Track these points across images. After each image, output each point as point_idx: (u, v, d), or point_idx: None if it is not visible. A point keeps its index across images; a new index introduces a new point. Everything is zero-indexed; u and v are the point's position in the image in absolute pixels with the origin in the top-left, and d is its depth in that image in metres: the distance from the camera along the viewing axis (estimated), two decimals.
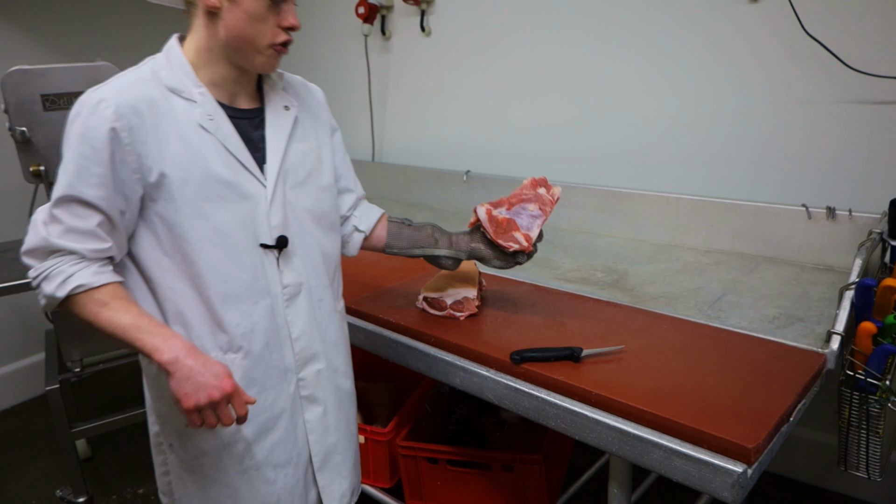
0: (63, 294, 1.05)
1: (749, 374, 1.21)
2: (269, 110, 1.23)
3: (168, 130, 1.09)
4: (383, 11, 2.78)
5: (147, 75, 1.12)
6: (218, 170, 1.12)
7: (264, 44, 1.12)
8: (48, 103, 2.01)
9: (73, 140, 1.06)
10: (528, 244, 1.40)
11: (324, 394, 1.31)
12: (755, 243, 1.85)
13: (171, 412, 1.22)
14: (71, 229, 1.06)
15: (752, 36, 1.85)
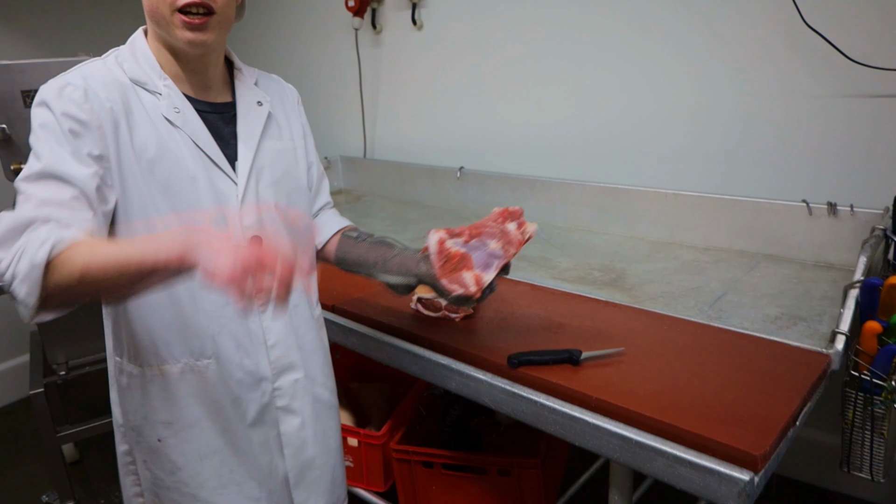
0: (44, 256, 0.85)
1: (752, 376, 1.17)
2: (240, 105, 1.17)
3: (137, 122, 1.04)
4: (374, 4, 2.73)
5: (112, 65, 1.06)
6: (187, 165, 1.07)
7: (169, 11, 1.02)
8: (29, 99, 1.95)
9: (39, 119, 0.97)
10: (478, 289, 1.16)
11: (301, 405, 1.24)
12: (755, 240, 1.82)
13: (143, 425, 1.15)
14: (46, 201, 0.93)
15: (750, 29, 1.82)
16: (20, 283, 0.86)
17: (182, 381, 1.13)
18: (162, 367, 1.12)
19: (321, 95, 3.20)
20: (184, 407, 1.13)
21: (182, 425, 1.14)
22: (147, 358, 1.12)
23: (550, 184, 2.26)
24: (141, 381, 1.13)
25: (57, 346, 2.21)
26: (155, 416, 1.14)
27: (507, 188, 2.39)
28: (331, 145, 3.16)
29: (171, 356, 1.12)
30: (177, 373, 1.12)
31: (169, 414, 1.14)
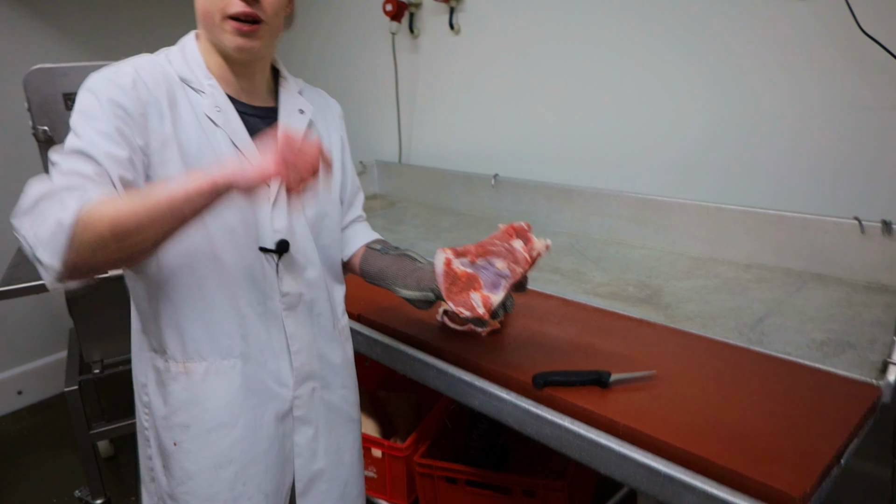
0: (71, 214, 0.83)
1: (794, 407, 1.10)
2: (282, 110, 1.20)
3: (181, 116, 1.06)
4: (412, 9, 2.71)
5: (161, 61, 1.10)
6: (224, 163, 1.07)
7: (220, 17, 1.04)
8: (71, 102, 1.99)
9: (80, 104, 0.99)
10: (486, 312, 1.14)
11: (316, 415, 1.23)
12: (802, 259, 1.72)
13: (159, 426, 1.14)
14: (73, 171, 0.92)
15: (802, 36, 1.72)
16: (43, 247, 0.85)
17: (205, 381, 1.11)
18: (187, 365, 1.11)
19: (358, 100, 3.19)
20: (204, 410, 1.11)
21: (199, 430, 1.12)
22: (173, 353, 1.11)
23: (587, 193, 2.19)
24: (165, 377, 1.12)
25: (93, 344, 2.25)
26: (173, 417, 1.12)
27: (543, 197, 2.33)
28: (366, 150, 3.15)
29: (198, 353, 1.11)
30: (201, 372, 1.11)
31: (187, 416, 1.12)
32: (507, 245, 1.18)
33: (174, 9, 3.46)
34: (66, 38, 3.16)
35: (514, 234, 1.20)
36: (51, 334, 3.29)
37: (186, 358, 1.11)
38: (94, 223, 0.84)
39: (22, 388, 3.22)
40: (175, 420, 1.12)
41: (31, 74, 1.93)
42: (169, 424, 1.12)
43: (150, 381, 1.14)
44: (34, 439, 2.95)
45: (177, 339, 1.10)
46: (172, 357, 1.11)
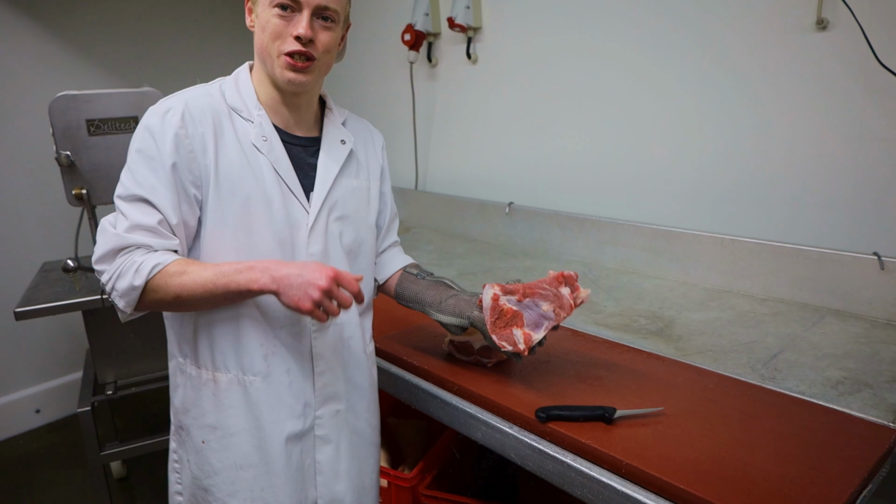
0: (141, 281, 1.06)
1: (806, 448, 1.06)
2: (324, 141, 1.27)
3: (226, 144, 1.15)
4: (430, 39, 2.75)
5: (214, 92, 1.19)
6: (266, 188, 1.16)
7: (276, 53, 1.14)
8: (93, 128, 2.04)
9: (138, 142, 1.11)
10: (526, 348, 1.22)
11: (338, 436, 1.28)
12: (819, 293, 1.68)
13: (192, 425, 1.22)
14: (137, 224, 1.09)
15: (819, 67, 1.71)
16: (119, 297, 1.08)
17: (229, 390, 1.20)
18: (215, 374, 1.20)
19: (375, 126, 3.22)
20: (228, 416, 1.20)
21: (224, 433, 1.20)
22: (204, 362, 1.21)
23: (600, 223, 2.18)
24: (197, 382, 1.21)
25: (107, 366, 2.28)
26: (203, 418, 1.21)
27: (556, 225, 2.32)
28: None
29: (225, 366, 1.20)
30: (226, 382, 1.20)
31: (215, 419, 1.20)
32: (554, 290, 1.27)
33: (196, 37, 3.55)
34: (91, 64, 3.25)
35: (563, 282, 1.29)
36: (69, 354, 3.33)
37: (215, 368, 1.20)
38: (162, 290, 1.07)
39: (40, 406, 3.26)
40: (204, 421, 1.21)
41: (56, 101, 1.99)
42: (199, 424, 1.22)
43: (184, 382, 1.24)
44: (50, 458, 2.97)
45: (208, 351, 1.20)
46: (204, 365, 1.21)
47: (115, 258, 1.09)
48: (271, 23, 1.12)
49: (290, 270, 1.06)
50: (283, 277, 1.05)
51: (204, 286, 1.06)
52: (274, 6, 1.12)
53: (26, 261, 3.02)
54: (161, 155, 1.10)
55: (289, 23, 1.12)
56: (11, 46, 2.99)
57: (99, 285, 2.17)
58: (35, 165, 3.03)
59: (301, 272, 1.05)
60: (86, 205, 2.07)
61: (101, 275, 1.11)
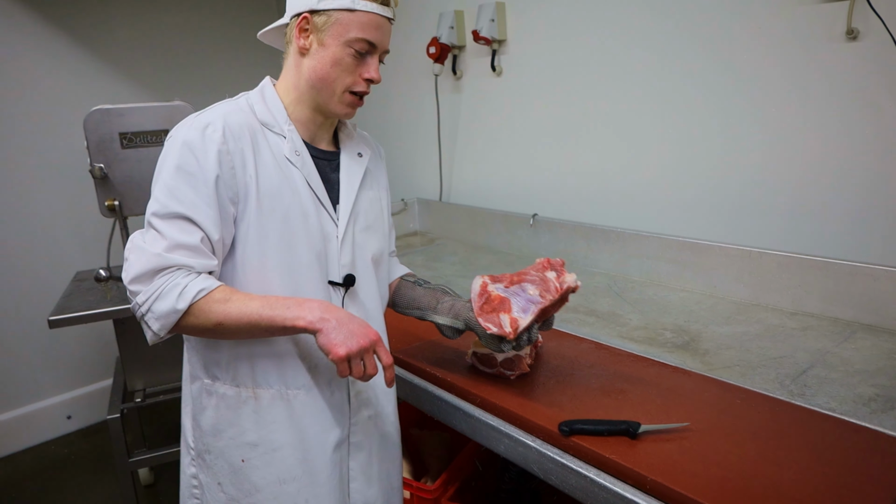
0: (185, 304, 1.03)
1: (836, 468, 1.04)
2: (344, 154, 1.29)
3: (264, 159, 1.15)
4: (455, 51, 2.77)
5: (244, 107, 1.19)
6: (302, 202, 1.18)
7: (342, 89, 1.17)
8: (125, 141, 2.09)
9: (177, 158, 1.09)
10: (512, 332, 1.21)
11: (370, 441, 1.31)
12: (850, 308, 1.65)
13: (228, 445, 1.21)
14: (178, 244, 1.07)
15: (849, 78, 1.68)
16: (155, 319, 1.05)
17: (272, 406, 1.20)
18: (256, 391, 1.20)
19: (401, 138, 3.25)
20: (272, 431, 1.20)
21: (267, 448, 1.20)
22: (244, 380, 1.20)
23: (625, 235, 2.16)
24: (235, 401, 1.20)
25: (137, 373, 2.32)
26: (242, 436, 1.20)
27: (581, 237, 2.31)
28: (408, 187, 3.19)
29: (266, 382, 1.19)
30: (268, 397, 1.20)
31: (256, 436, 1.20)
32: (540, 275, 1.28)
33: (225, 51, 3.62)
34: (124, 79, 3.33)
35: (548, 267, 1.29)
36: (100, 362, 3.40)
37: (255, 385, 1.19)
38: (203, 316, 1.05)
39: (71, 412, 3.33)
40: (244, 439, 1.20)
41: (91, 115, 2.05)
42: (238, 443, 1.21)
43: (217, 403, 1.21)
44: (81, 463, 3.03)
45: (247, 368, 1.19)
46: (243, 383, 1.20)
47: (153, 279, 1.05)
48: (345, 61, 1.15)
49: (339, 315, 1.07)
50: (329, 319, 1.06)
51: (249, 316, 1.05)
52: (352, 46, 1.15)
53: (60, 270, 3.10)
54: (203, 171, 1.08)
55: (360, 63, 1.16)
56: (50, 63, 3.08)
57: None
58: (70, 177, 3.12)
59: (350, 322, 1.07)
60: (118, 216, 2.12)
61: (136, 295, 1.07)
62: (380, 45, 1.18)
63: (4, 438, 3.13)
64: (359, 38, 1.14)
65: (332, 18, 1.14)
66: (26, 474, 2.96)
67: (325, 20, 1.15)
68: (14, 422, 3.16)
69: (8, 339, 3.10)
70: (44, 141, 3.09)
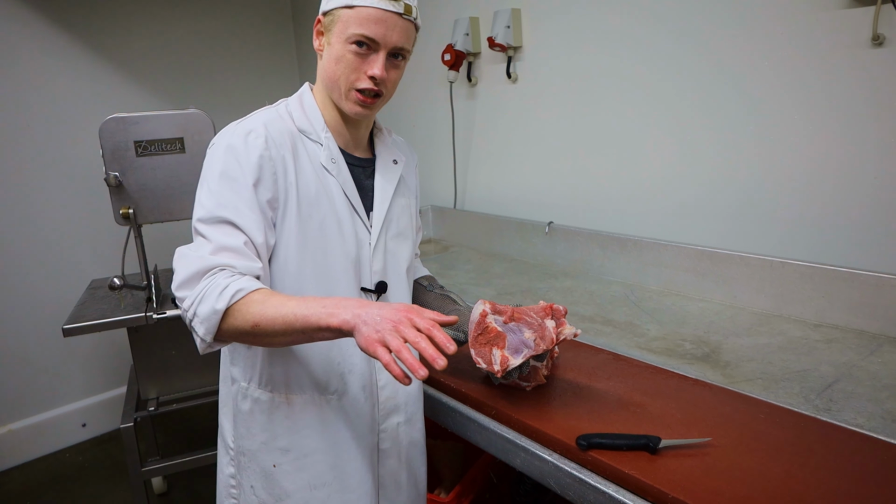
0: (224, 304, 1.01)
1: (864, 487, 1.00)
2: (379, 161, 1.30)
3: (303, 167, 1.17)
4: (470, 58, 2.75)
5: (284, 114, 1.21)
6: (338, 209, 1.18)
7: (347, 87, 1.16)
8: (140, 149, 2.09)
9: (220, 164, 1.11)
10: (501, 370, 1.21)
11: (398, 448, 1.32)
12: (877, 320, 1.60)
13: (260, 450, 1.22)
14: (222, 246, 1.07)
15: (875, 84, 1.64)
16: (200, 323, 1.03)
17: (305, 411, 1.21)
18: (289, 396, 1.20)
19: (415, 145, 3.22)
20: (304, 437, 1.21)
21: (298, 454, 1.21)
22: (278, 385, 1.21)
23: (643, 243, 2.13)
24: (268, 406, 1.21)
25: (150, 382, 2.32)
26: (275, 441, 1.21)
27: (597, 245, 2.28)
28: (422, 194, 3.18)
29: (300, 387, 1.20)
30: (301, 403, 1.21)
31: (288, 441, 1.21)
32: (540, 320, 1.26)
33: (239, 59, 3.64)
34: (139, 87, 3.36)
35: (549, 314, 1.28)
36: (114, 369, 3.41)
37: (289, 390, 1.20)
38: (241, 317, 1.02)
39: (86, 420, 3.34)
40: (276, 444, 1.21)
41: (106, 123, 2.06)
42: (270, 448, 1.22)
43: (251, 408, 1.22)
44: (95, 471, 3.03)
45: (282, 374, 1.20)
46: (276, 389, 1.21)
47: (198, 282, 1.05)
48: (346, 58, 1.14)
49: (372, 310, 0.97)
50: (360, 315, 0.96)
51: (285, 317, 0.99)
52: (351, 42, 1.13)
53: (75, 278, 3.12)
54: (245, 176, 1.10)
55: (364, 60, 1.15)
56: (66, 71, 3.11)
57: (144, 303, 2.22)
58: (85, 186, 3.14)
59: (380, 311, 0.97)
60: (132, 224, 2.12)
61: (183, 301, 1.06)
62: (382, 41, 1.14)
63: (20, 446, 3.14)
64: (356, 34, 1.13)
65: (336, 17, 1.15)
66: (41, 482, 2.96)
67: (331, 20, 1.16)
68: (29, 430, 3.17)
69: (23, 348, 3.12)
70: (59, 149, 3.11)
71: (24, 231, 3.07)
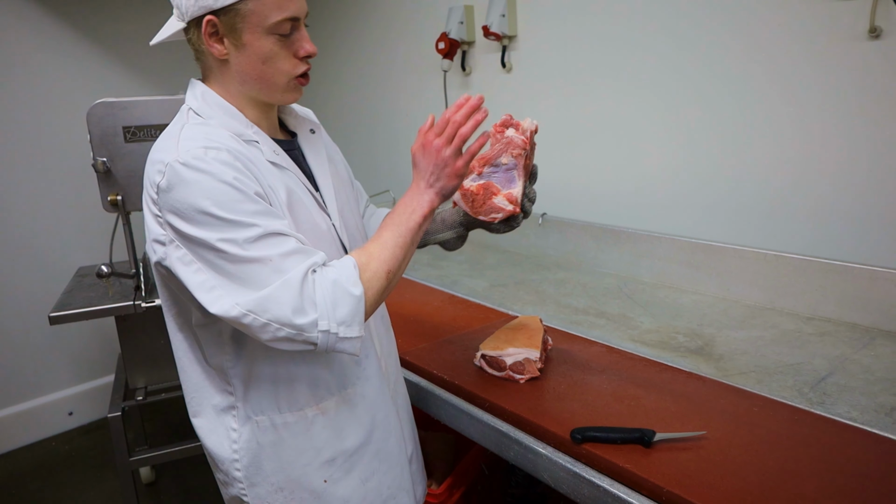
0: (359, 287, 0.98)
1: (858, 480, 1.00)
2: (301, 138, 1.22)
3: (261, 171, 1.05)
4: (464, 47, 2.72)
5: (212, 124, 1.06)
6: (305, 203, 1.11)
7: (285, 80, 1.07)
8: (129, 135, 2.06)
9: (214, 200, 0.94)
10: (516, 205, 1.21)
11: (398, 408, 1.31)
12: (870, 313, 1.60)
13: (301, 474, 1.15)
14: (289, 252, 0.96)
15: (871, 76, 1.63)
16: (348, 326, 0.97)
17: (339, 414, 1.16)
18: (321, 405, 1.15)
19: (408, 134, 3.21)
20: (344, 438, 1.17)
21: (344, 457, 1.17)
22: (307, 400, 1.14)
23: (636, 236, 2.12)
24: (303, 425, 1.14)
25: (138, 371, 2.29)
26: (318, 457, 1.15)
27: (590, 237, 2.27)
28: None
29: (328, 391, 1.15)
30: (333, 406, 1.15)
31: (332, 451, 1.16)
32: (503, 140, 1.23)
33: None
34: (128, 72, 3.31)
35: (503, 129, 1.24)
36: (102, 358, 3.38)
37: (318, 400, 1.14)
38: (374, 281, 1.01)
39: (73, 409, 3.31)
40: (320, 459, 1.15)
41: (94, 108, 2.02)
42: (315, 467, 1.15)
43: (279, 437, 1.13)
44: (81, 461, 3.01)
45: (306, 387, 1.13)
46: (306, 405, 1.14)
47: (301, 294, 0.93)
48: (276, 52, 1.04)
49: (425, 176, 1.09)
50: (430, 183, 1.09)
51: (396, 246, 1.05)
52: (275, 32, 1.02)
53: (62, 265, 3.08)
54: (243, 190, 0.96)
55: (290, 44, 1.05)
56: (53, 55, 3.05)
57: (132, 291, 2.19)
58: (72, 172, 3.09)
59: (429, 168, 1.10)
60: (121, 211, 2.09)
61: (314, 328, 0.94)
62: (301, 13, 1.05)
63: (5, 434, 3.11)
64: (280, 21, 1.01)
65: (240, 13, 1.00)
66: (27, 471, 2.94)
67: (233, 18, 1.01)
68: (15, 418, 3.14)
69: (9, 335, 3.08)
70: (46, 134, 3.06)
71: (10, 217, 3.02)
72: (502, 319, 1.75)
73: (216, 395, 1.15)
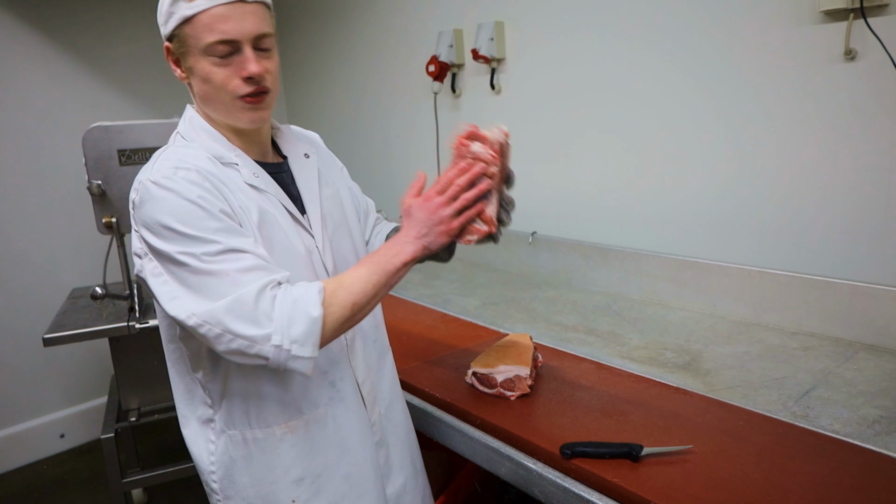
0: (319, 309, 0.98)
1: (842, 491, 1.02)
2: (292, 161, 1.24)
3: (234, 192, 1.08)
4: (454, 69, 2.78)
5: (192, 145, 1.11)
6: (282, 224, 1.13)
7: (229, 99, 1.07)
8: (124, 158, 2.09)
9: (179, 218, 0.98)
10: (491, 225, 1.17)
11: (386, 435, 1.30)
12: (852, 328, 1.64)
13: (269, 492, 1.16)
14: (246, 268, 0.98)
15: (847, 98, 1.68)
16: (301, 345, 0.98)
17: (308, 433, 1.16)
18: (289, 423, 1.15)
19: (399, 156, 3.26)
20: (313, 458, 1.17)
21: (312, 477, 1.17)
22: (275, 418, 1.15)
23: (625, 253, 2.16)
24: (271, 443, 1.15)
25: (131, 392, 2.30)
26: (286, 476, 1.16)
27: (580, 255, 2.31)
28: None
29: (297, 410, 1.15)
30: (302, 426, 1.16)
31: (300, 469, 1.16)
32: (469, 154, 1.17)
33: None
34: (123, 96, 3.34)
35: (468, 143, 1.18)
36: (94, 380, 3.37)
37: (287, 418, 1.15)
38: (337, 308, 1.02)
39: (65, 431, 3.29)
40: (288, 479, 1.16)
41: (89, 132, 2.05)
42: (282, 486, 1.15)
43: (244, 455, 1.15)
44: (73, 483, 2.99)
45: (276, 405, 1.14)
46: (275, 423, 1.15)
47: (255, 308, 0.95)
48: (213, 72, 1.05)
49: (414, 226, 1.11)
50: (421, 238, 1.11)
51: (368, 283, 1.05)
52: (209, 54, 1.04)
53: (56, 287, 3.08)
54: (207, 208, 1.00)
55: (230, 65, 1.05)
56: (49, 79, 3.09)
57: (126, 313, 2.20)
58: (67, 194, 3.11)
59: (422, 220, 1.12)
60: (115, 233, 2.11)
61: (266, 342, 0.96)
62: (241, 36, 1.04)
63: None
64: (212, 43, 1.03)
65: (181, 37, 1.05)
66: (17, 495, 2.91)
67: (179, 44, 1.07)
68: (6, 440, 3.12)
69: (2, 356, 3.07)
70: (42, 157, 3.08)
71: (5, 238, 3.03)
72: (493, 337, 1.77)
73: (199, 407, 1.19)
